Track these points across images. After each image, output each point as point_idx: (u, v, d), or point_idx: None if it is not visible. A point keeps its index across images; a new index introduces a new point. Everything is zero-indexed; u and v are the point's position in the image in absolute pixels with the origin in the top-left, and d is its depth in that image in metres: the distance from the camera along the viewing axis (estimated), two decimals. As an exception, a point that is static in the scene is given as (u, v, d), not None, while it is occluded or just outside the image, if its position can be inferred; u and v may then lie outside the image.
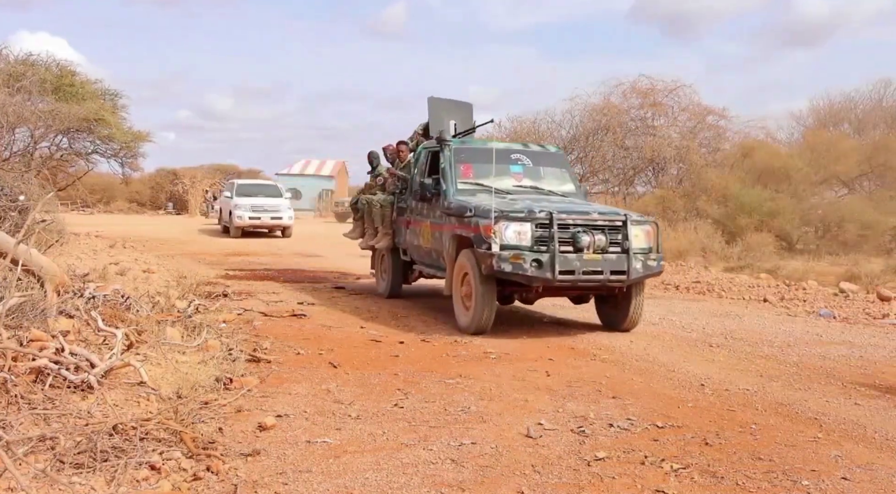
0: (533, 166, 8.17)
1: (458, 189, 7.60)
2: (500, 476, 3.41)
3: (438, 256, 7.68)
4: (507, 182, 7.79)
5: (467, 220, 6.92)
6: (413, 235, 8.36)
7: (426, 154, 8.47)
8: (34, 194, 9.36)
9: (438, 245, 7.63)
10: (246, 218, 20.48)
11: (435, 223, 7.75)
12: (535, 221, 6.57)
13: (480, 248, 6.60)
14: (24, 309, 4.52)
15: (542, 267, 6.41)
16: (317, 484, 3.27)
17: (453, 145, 8.05)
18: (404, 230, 8.66)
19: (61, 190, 19.01)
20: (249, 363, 5.34)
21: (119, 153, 20.24)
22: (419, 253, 8.34)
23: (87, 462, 3.17)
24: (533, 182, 8.01)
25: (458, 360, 5.81)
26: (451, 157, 7.90)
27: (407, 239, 8.56)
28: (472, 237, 6.78)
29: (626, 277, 6.67)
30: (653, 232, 7.03)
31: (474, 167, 7.86)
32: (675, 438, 3.98)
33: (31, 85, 16.56)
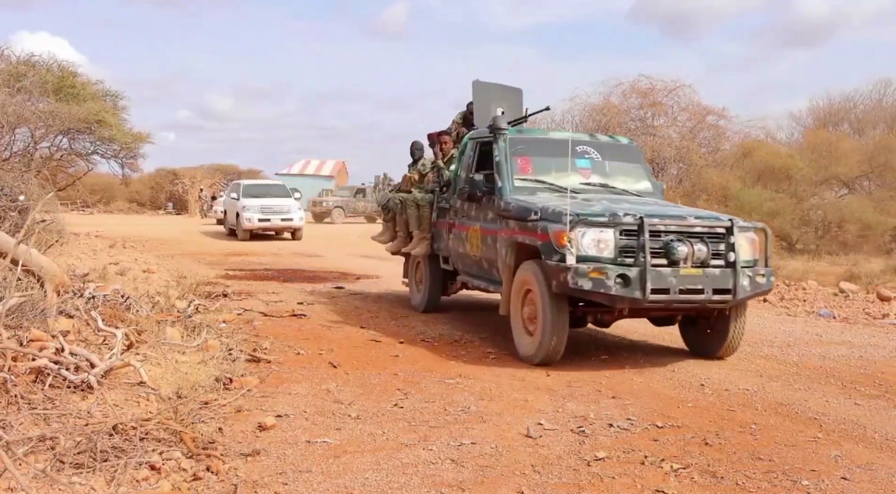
0: (601, 161, 6.91)
1: (514, 187, 6.42)
2: (500, 476, 3.41)
3: (490, 266, 6.55)
4: (573, 179, 6.55)
5: (532, 224, 5.73)
6: (457, 240, 7.20)
7: (474, 146, 7.27)
8: (34, 194, 9.37)
9: (491, 254, 6.47)
10: (255, 220, 19.37)
11: (486, 227, 6.58)
12: (619, 226, 5.40)
13: (550, 259, 5.42)
14: (24, 309, 4.52)
15: (630, 284, 5.24)
16: (317, 484, 3.27)
17: (509, 135, 6.80)
18: (446, 235, 7.49)
19: (61, 190, 19.01)
20: (249, 363, 5.34)
21: (119, 154, 20.23)
22: (465, 262, 7.17)
23: (87, 462, 3.17)
24: (602, 179, 6.77)
25: (458, 360, 5.81)
26: (507, 149, 6.67)
27: (449, 245, 7.39)
28: (538, 246, 5.60)
29: (731, 296, 5.46)
30: (759, 241, 5.86)
31: (533, 161, 6.68)
32: (675, 438, 3.98)
33: (31, 85, 16.56)
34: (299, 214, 20.14)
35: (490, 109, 7.73)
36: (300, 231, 20.18)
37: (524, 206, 5.98)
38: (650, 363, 5.87)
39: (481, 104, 7.87)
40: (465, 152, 7.42)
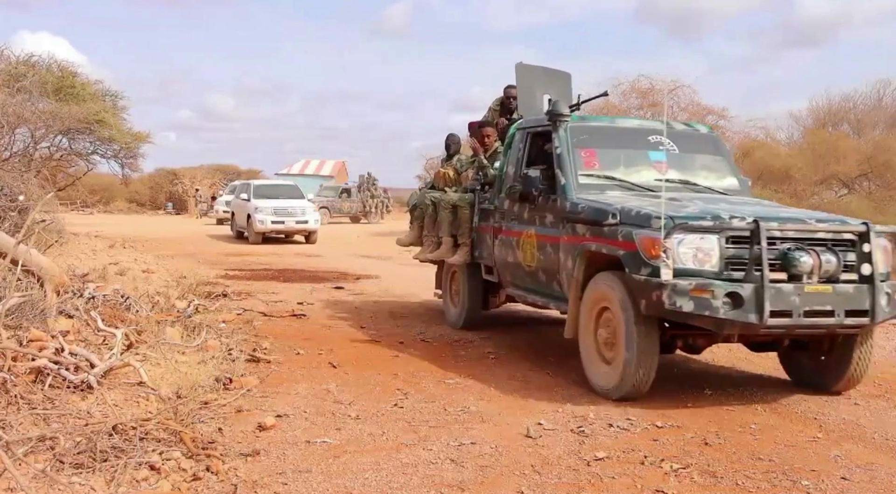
0: (679, 153, 5.86)
1: (579, 184, 5.43)
2: (500, 476, 3.41)
3: (549, 279, 5.54)
4: (646, 175, 5.61)
5: (610, 230, 4.76)
6: (505, 247, 6.17)
7: (523, 137, 6.25)
8: (34, 195, 9.36)
9: (550, 264, 5.48)
10: (268, 223, 18.21)
11: (544, 233, 5.59)
12: (726, 232, 4.42)
13: (637, 273, 4.46)
14: (23, 309, 4.52)
15: (744, 306, 4.23)
16: (316, 484, 3.27)
17: (571, 123, 5.79)
18: (490, 241, 6.48)
19: (61, 190, 18.99)
20: (249, 363, 5.34)
21: (119, 154, 20.22)
22: (515, 273, 6.14)
23: (87, 462, 3.17)
24: (682, 175, 5.77)
25: (458, 360, 5.81)
26: (569, 139, 5.65)
27: (495, 253, 6.38)
28: (619, 256, 4.64)
29: (869, 319, 4.45)
30: (892, 248, 4.85)
31: (599, 154, 5.69)
32: (674, 438, 3.98)
33: (31, 85, 16.55)
34: (314, 216, 19.09)
35: (535, 96, 6.84)
36: (315, 234, 18.97)
37: (598, 207, 4.98)
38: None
39: (525, 90, 6.90)
40: (512, 145, 6.39)
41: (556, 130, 5.75)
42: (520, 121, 6.55)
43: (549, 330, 7.25)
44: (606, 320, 4.82)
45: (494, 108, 7.70)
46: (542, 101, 6.77)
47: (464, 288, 7.10)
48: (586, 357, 5.02)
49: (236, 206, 20.59)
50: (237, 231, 20.25)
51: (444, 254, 7.09)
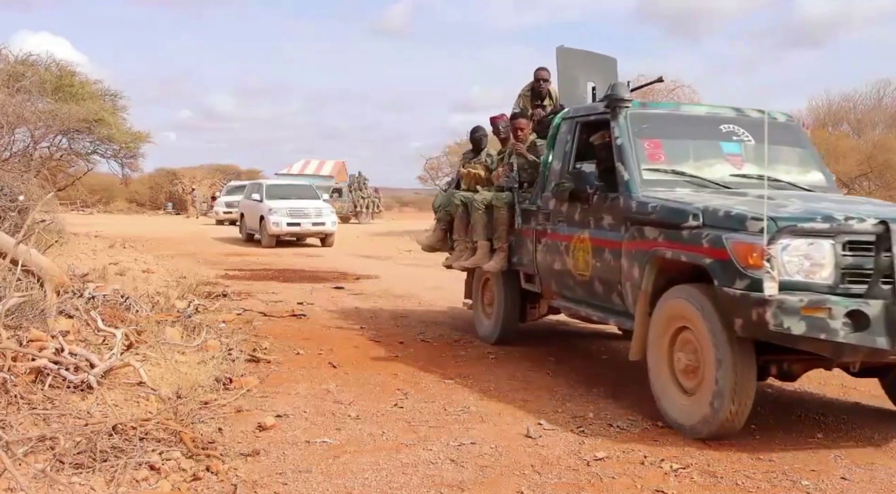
0: (756, 144, 5.07)
1: (643, 180, 4.72)
2: (500, 476, 3.41)
3: (608, 290, 4.83)
4: (720, 169, 4.96)
5: (691, 233, 4.02)
6: (551, 253, 5.48)
7: (571, 127, 5.53)
8: (34, 194, 9.36)
9: (610, 272, 4.76)
10: (283, 225, 17.06)
11: (601, 237, 4.90)
12: (842, 236, 3.71)
13: (730, 286, 3.72)
14: (23, 309, 4.52)
15: (870, 328, 3.54)
16: (316, 484, 3.27)
17: (632, 110, 5.06)
18: (531, 246, 5.77)
19: (61, 190, 18.99)
20: (249, 363, 5.34)
21: (119, 154, 20.22)
22: (563, 282, 5.41)
23: (87, 462, 3.17)
24: (760, 169, 4.90)
25: (458, 360, 5.81)
26: (629, 128, 4.93)
27: (538, 259, 5.67)
28: (704, 265, 3.90)
29: None
30: None
31: (664, 145, 5.00)
32: (674, 438, 3.98)
33: (30, 85, 16.55)
34: (332, 217, 17.87)
35: (578, 83, 6.24)
36: (332, 237, 17.83)
37: (675, 207, 4.25)
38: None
39: (567, 76, 6.26)
40: (557, 137, 5.66)
41: (616, 117, 4.99)
42: (566, 110, 5.78)
43: (549, 330, 7.25)
44: (685, 341, 4.07)
45: (525, 93, 6.90)
46: (585, 88, 6.15)
47: (499, 298, 6.37)
48: (659, 386, 4.24)
49: (247, 207, 19.30)
50: (247, 234, 19.07)
51: (480, 260, 6.26)
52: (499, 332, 6.37)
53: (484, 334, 6.60)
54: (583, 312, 5.36)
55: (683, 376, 4.09)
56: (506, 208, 6.06)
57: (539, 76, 6.80)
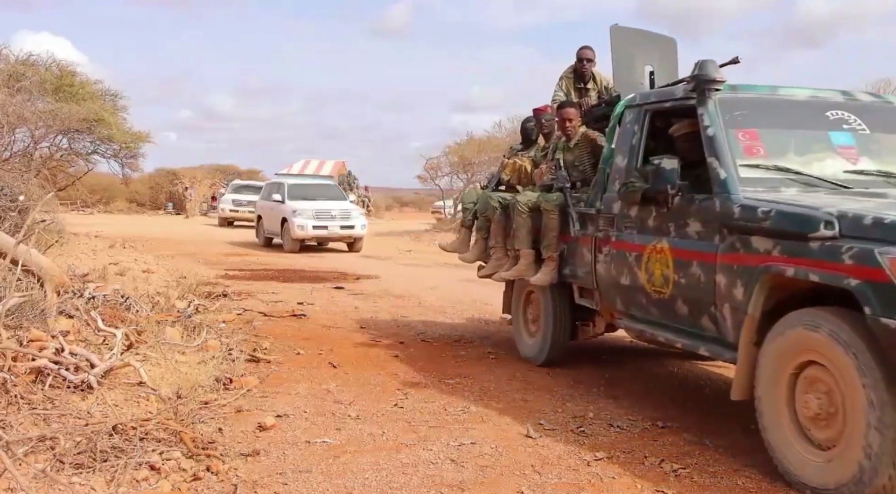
0: (869, 133, 4.36)
1: (741, 178, 3.92)
2: (500, 476, 3.41)
3: (698, 312, 4.02)
4: (831, 165, 4.19)
5: (824, 246, 3.27)
6: (616, 265, 4.67)
7: (638, 116, 4.75)
8: (34, 194, 9.35)
9: (699, 290, 3.96)
10: (309, 228, 15.47)
11: (686, 247, 4.09)
12: None
13: (891, 315, 2.95)
14: (23, 309, 4.52)
15: None
16: (316, 484, 3.27)
17: (720, 95, 4.21)
18: (589, 255, 4.98)
19: (61, 190, 18.99)
20: (249, 363, 5.34)
21: (119, 154, 20.22)
22: (632, 299, 4.60)
23: (87, 462, 3.17)
24: (877, 164, 4.25)
25: (458, 360, 5.81)
26: (719, 116, 4.14)
27: (598, 271, 4.88)
28: (850, 288, 3.10)
29: None
30: None
31: (763, 137, 4.19)
32: (675, 438, 3.98)
33: (31, 85, 16.56)
34: (361, 220, 16.29)
35: (635, 66, 5.55)
36: (360, 242, 16.25)
37: (799, 212, 3.45)
38: (650, 364, 5.87)
39: (622, 59, 5.54)
40: (621, 128, 4.90)
41: (704, 103, 4.18)
42: (631, 97, 4.98)
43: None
44: (813, 380, 3.31)
45: (567, 76, 6.16)
46: (642, 73, 5.47)
47: (546, 314, 5.57)
48: (776, 436, 3.45)
49: (265, 209, 17.56)
50: (265, 238, 17.47)
51: (525, 272, 5.47)
52: (546, 352, 5.58)
53: (527, 354, 5.83)
54: (659, 336, 4.45)
55: (813, 424, 3.30)
56: (557, 212, 5.21)
57: (582, 56, 6.10)
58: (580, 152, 5.38)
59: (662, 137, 4.65)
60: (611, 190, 4.85)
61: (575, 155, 5.39)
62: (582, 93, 6.13)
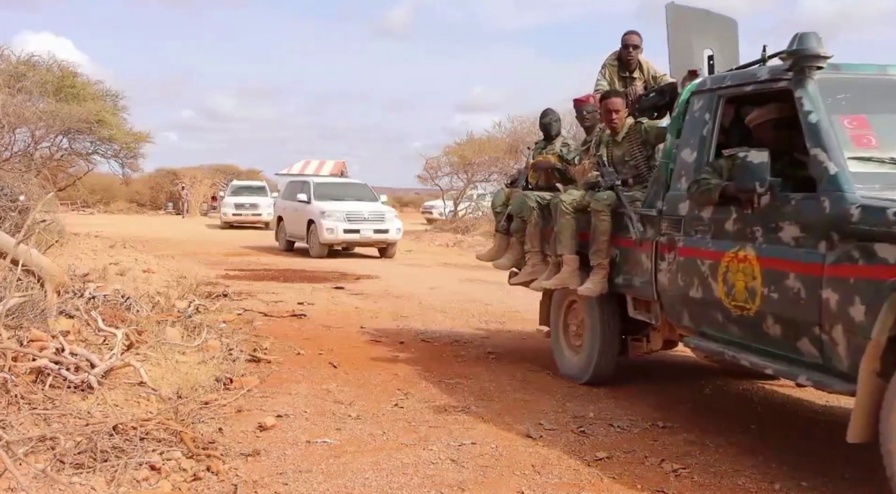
0: None
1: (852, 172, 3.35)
2: (501, 476, 3.41)
3: (795, 333, 3.43)
4: None
5: None
6: (685, 274, 4.05)
7: (711, 103, 4.15)
8: (34, 195, 9.35)
9: (798, 309, 3.38)
10: (340, 232, 14.21)
11: (779, 256, 3.51)
12: None
13: None
14: (24, 309, 4.52)
15: None
16: (317, 484, 3.27)
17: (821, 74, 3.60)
18: (647, 263, 4.38)
19: (61, 190, 18.99)
20: (249, 363, 5.34)
21: (119, 154, 20.24)
22: (706, 315, 4.00)
23: (87, 462, 3.17)
24: None
25: (458, 360, 5.81)
26: (822, 100, 3.55)
27: (661, 282, 4.25)
28: None
29: None
30: None
31: (873, 124, 3.61)
32: (675, 438, 3.98)
33: (32, 85, 16.57)
34: (396, 223, 14.92)
35: (693, 49, 5.01)
36: (394, 247, 14.99)
37: None
38: (650, 364, 5.87)
39: (679, 41, 5.01)
40: (688, 118, 4.30)
41: (804, 84, 3.58)
42: (699, 81, 4.41)
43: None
44: None
45: (610, 63, 5.67)
46: (700, 56, 4.94)
47: (593, 328, 4.97)
48: None
49: (287, 209, 16.19)
50: (287, 242, 16.24)
51: (569, 280, 4.88)
52: (592, 370, 4.99)
53: (569, 371, 5.24)
54: (742, 359, 3.79)
55: None
56: (608, 213, 4.63)
57: (628, 42, 5.60)
58: (630, 146, 4.85)
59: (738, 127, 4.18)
60: (675, 188, 4.23)
61: (623, 150, 4.85)
62: (627, 82, 5.63)
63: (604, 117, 5.01)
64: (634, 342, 4.95)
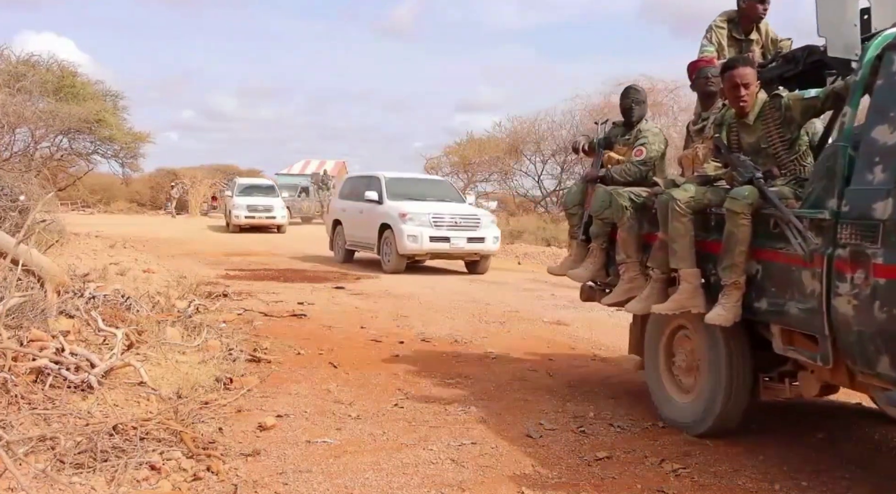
0: None
1: None
2: (501, 476, 3.41)
3: None
4: None
5: None
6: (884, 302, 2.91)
7: None
8: (34, 194, 9.36)
9: None
10: (425, 240, 11.50)
11: None
12: None
13: None
14: (24, 309, 4.52)
15: None
16: (317, 484, 3.27)
17: None
18: (815, 284, 3.24)
19: (61, 190, 19.02)
20: (249, 363, 5.34)
21: (119, 154, 20.28)
22: None
23: (88, 462, 3.17)
24: None
25: (458, 360, 5.81)
26: None
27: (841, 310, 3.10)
28: None
29: None
30: None
31: None
32: (675, 438, 3.98)
33: (31, 85, 16.60)
34: (493, 230, 12.11)
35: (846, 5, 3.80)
36: (488, 261, 12.36)
37: None
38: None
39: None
40: (882, 83, 3.23)
41: None
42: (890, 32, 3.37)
43: (549, 331, 7.23)
44: None
45: (718, 26, 4.64)
46: (854, 13, 3.85)
47: (715, 364, 3.85)
48: None
49: (348, 211, 13.41)
50: (346, 251, 13.49)
51: (691, 302, 3.78)
52: (712, 418, 3.86)
53: (676, 417, 4.12)
54: None
55: None
56: (748, 216, 3.52)
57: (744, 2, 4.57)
58: (765, 129, 3.75)
59: None
60: (863, 181, 3.13)
61: (758, 134, 3.77)
62: (742, 47, 4.62)
63: (728, 94, 3.85)
64: (769, 382, 3.87)
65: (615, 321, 7.78)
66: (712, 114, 4.22)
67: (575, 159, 21.93)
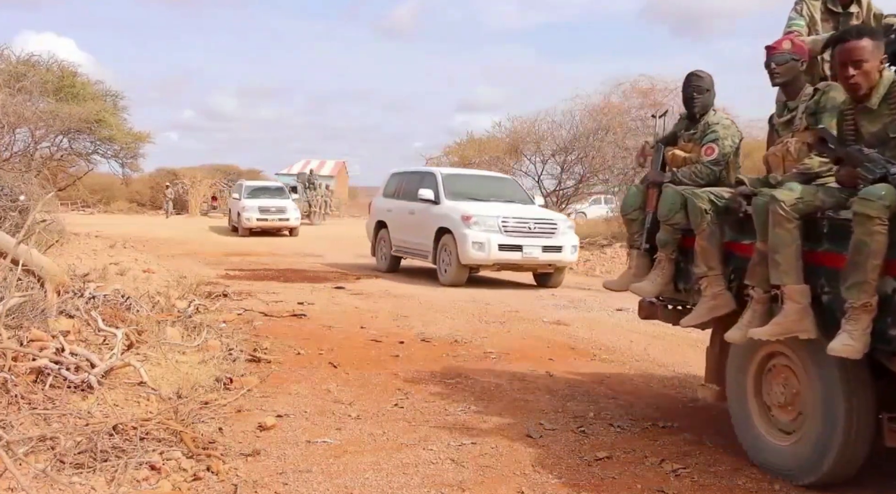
0: None
1: None
2: (501, 476, 3.41)
3: None
4: None
5: None
6: None
7: None
8: (34, 194, 9.35)
9: None
10: (493, 248, 9.95)
11: None
12: None
13: None
14: (24, 309, 4.52)
15: None
16: (317, 484, 3.27)
17: None
18: None
19: (61, 190, 19.01)
20: (249, 363, 5.34)
21: (119, 154, 20.28)
22: None
23: (88, 462, 3.17)
24: None
25: (458, 360, 5.81)
26: None
27: None
28: None
29: None
30: None
31: None
32: (675, 438, 3.98)
33: (31, 85, 16.60)
34: (572, 238, 10.55)
35: None
36: (563, 273, 10.88)
37: None
38: (650, 363, 5.87)
39: None
40: None
41: None
42: None
43: (549, 331, 7.23)
44: None
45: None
46: None
47: (829, 402, 3.17)
48: None
49: (395, 212, 11.88)
50: (392, 257, 11.97)
51: (799, 326, 3.14)
52: (826, 465, 3.19)
53: (774, 462, 3.44)
54: None
55: None
56: (885, 221, 2.85)
57: None
58: (892, 115, 3.13)
59: None
60: None
61: (883, 121, 3.15)
62: (838, 21, 4.03)
63: (840, 73, 3.22)
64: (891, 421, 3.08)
65: (615, 321, 7.79)
66: (801, 102, 3.64)
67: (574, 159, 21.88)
